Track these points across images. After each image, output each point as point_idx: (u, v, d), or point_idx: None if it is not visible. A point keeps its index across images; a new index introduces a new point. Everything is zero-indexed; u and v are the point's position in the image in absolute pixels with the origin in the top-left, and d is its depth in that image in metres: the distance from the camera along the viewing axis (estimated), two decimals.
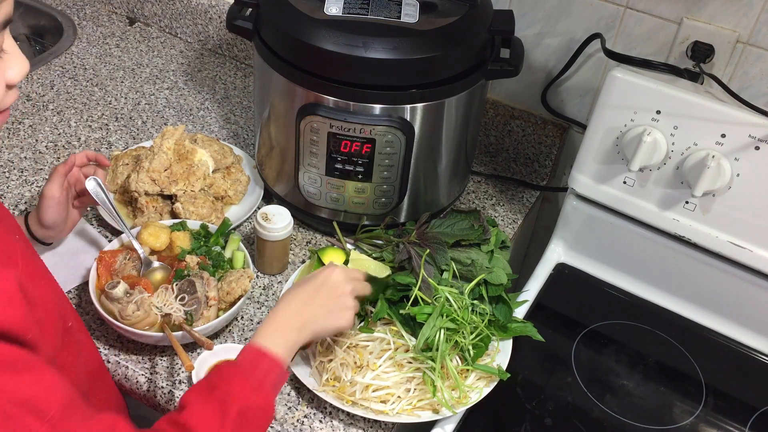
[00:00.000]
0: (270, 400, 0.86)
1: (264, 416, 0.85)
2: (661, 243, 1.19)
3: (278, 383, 0.88)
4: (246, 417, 0.82)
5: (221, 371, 0.85)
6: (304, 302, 0.94)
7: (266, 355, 0.88)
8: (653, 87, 1.07)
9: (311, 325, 0.93)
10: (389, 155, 1.13)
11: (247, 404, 0.82)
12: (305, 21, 1.07)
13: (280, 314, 0.93)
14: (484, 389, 1.03)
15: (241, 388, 0.83)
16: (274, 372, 0.87)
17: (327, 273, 0.97)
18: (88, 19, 1.75)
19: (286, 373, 0.90)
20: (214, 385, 0.84)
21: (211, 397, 0.82)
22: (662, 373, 1.15)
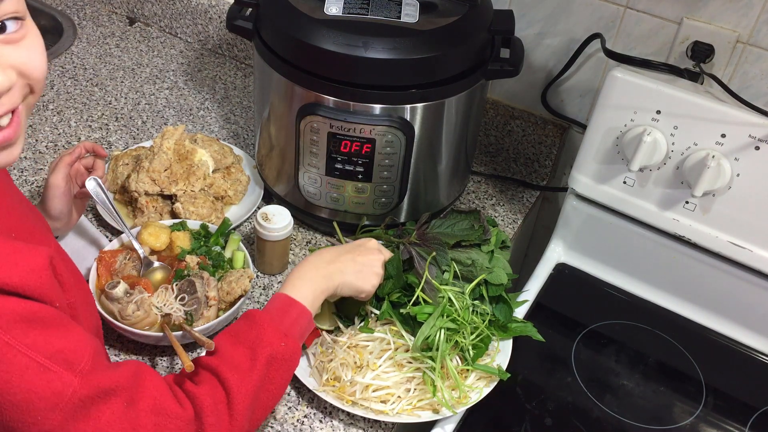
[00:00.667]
0: (297, 347, 0.89)
1: (291, 362, 0.88)
2: (661, 243, 1.19)
3: (305, 331, 0.92)
4: (274, 363, 0.85)
5: (252, 318, 0.88)
6: (334, 256, 0.99)
7: (295, 303, 0.91)
8: (653, 87, 1.07)
9: (338, 276, 0.98)
10: (389, 155, 1.13)
11: (276, 351, 0.85)
12: (305, 21, 1.07)
13: (308, 265, 0.97)
14: (484, 389, 1.03)
15: (271, 334, 0.86)
16: (303, 320, 0.91)
17: (364, 240, 1.04)
18: (88, 19, 1.75)
19: (312, 322, 0.93)
20: (245, 330, 0.87)
21: (242, 343, 0.85)
22: (662, 373, 1.15)
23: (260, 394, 0.84)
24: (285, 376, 0.87)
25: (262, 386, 0.84)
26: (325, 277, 0.96)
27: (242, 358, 0.84)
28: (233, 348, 0.85)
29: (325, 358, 1.04)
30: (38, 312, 0.69)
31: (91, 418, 0.71)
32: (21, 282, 0.67)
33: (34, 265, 0.70)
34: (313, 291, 0.94)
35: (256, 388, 0.83)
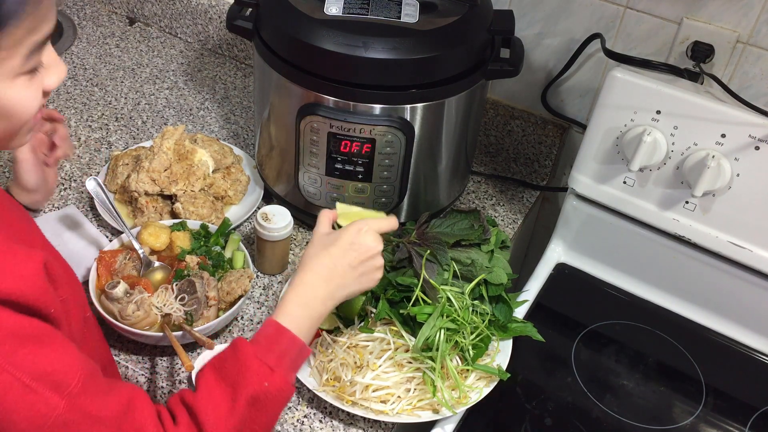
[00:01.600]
0: (286, 382, 0.83)
1: (277, 400, 0.82)
2: (661, 243, 1.19)
3: (297, 361, 0.85)
4: (257, 404, 0.80)
5: (236, 350, 0.82)
6: (331, 269, 0.89)
7: (285, 332, 0.84)
8: (653, 87, 1.07)
9: (339, 292, 0.90)
10: (389, 155, 1.13)
11: (259, 391, 0.80)
12: (305, 21, 1.07)
13: (305, 284, 0.88)
14: (484, 389, 1.03)
15: (254, 371, 0.80)
16: (293, 350, 0.84)
17: (355, 232, 0.92)
18: (88, 19, 1.75)
19: (307, 349, 0.86)
20: (229, 365, 0.82)
21: (223, 380, 0.81)
22: (662, 373, 1.15)
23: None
24: (271, 414, 0.82)
25: (244, 427, 0.80)
26: (323, 299, 0.89)
27: (222, 398, 0.79)
28: (215, 385, 0.81)
29: (325, 358, 1.04)
30: (30, 328, 0.67)
31: None
32: (15, 288, 0.66)
33: (28, 271, 0.68)
34: (310, 317, 0.88)
35: (239, 426, 0.79)
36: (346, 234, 0.92)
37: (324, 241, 0.93)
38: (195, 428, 0.78)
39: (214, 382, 0.81)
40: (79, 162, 1.36)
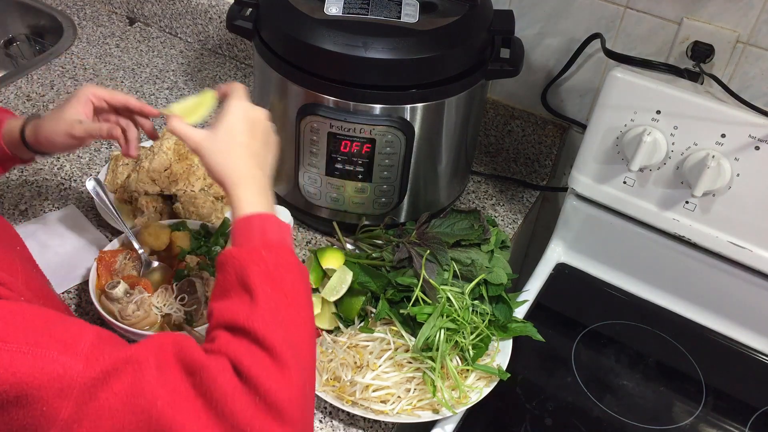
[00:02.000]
0: (283, 246, 0.79)
1: (287, 263, 0.78)
2: (661, 243, 1.19)
3: (281, 230, 0.81)
4: (272, 276, 0.76)
5: (222, 262, 0.78)
6: (251, 155, 0.86)
7: (251, 217, 0.81)
8: (653, 87, 1.07)
9: (266, 167, 0.87)
10: (389, 155, 1.13)
11: (265, 265, 0.76)
12: (305, 21, 1.07)
13: (242, 180, 0.83)
14: (484, 389, 1.03)
15: (248, 258, 0.76)
16: (270, 224, 0.81)
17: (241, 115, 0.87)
18: (88, 19, 1.75)
19: (282, 222, 0.83)
20: (223, 278, 0.77)
21: (228, 290, 0.76)
22: (662, 373, 1.15)
23: (282, 314, 0.74)
24: (293, 279, 0.77)
25: (277, 306, 0.74)
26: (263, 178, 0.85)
27: (237, 299, 0.75)
28: (224, 301, 0.76)
29: (325, 358, 1.04)
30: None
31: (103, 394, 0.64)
32: None
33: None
34: (266, 196, 0.84)
35: (272, 311, 0.73)
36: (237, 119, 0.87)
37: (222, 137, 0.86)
38: (233, 333, 0.73)
39: (222, 300, 0.76)
40: (79, 162, 1.36)
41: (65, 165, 1.35)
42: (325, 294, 1.09)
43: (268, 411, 0.68)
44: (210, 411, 0.67)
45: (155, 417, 0.65)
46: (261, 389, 0.68)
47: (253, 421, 0.67)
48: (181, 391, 0.67)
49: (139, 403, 0.65)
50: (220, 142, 0.86)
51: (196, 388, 0.67)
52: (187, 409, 0.66)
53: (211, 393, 0.67)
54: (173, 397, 0.66)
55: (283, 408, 0.69)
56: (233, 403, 0.67)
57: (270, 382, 0.69)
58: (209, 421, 0.66)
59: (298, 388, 0.71)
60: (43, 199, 1.27)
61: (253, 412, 0.68)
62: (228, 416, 0.67)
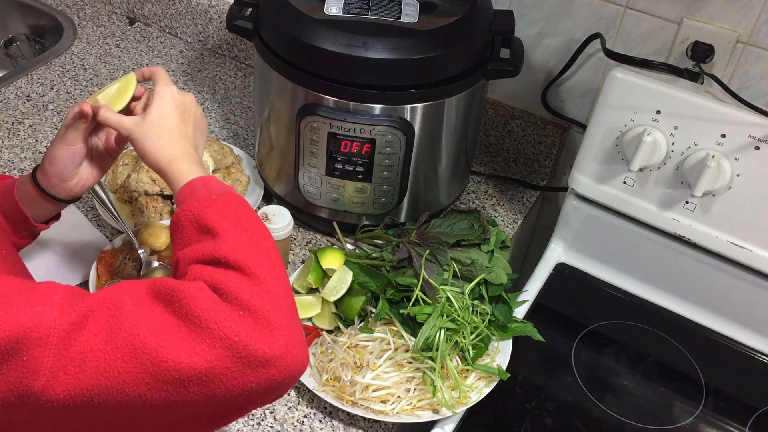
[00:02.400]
0: (229, 190, 0.80)
1: (236, 200, 0.79)
2: (661, 243, 1.19)
3: (222, 186, 0.82)
4: (226, 211, 0.76)
5: (174, 221, 0.79)
6: (182, 136, 0.87)
7: (191, 181, 0.81)
8: (653, 87, 1.07)
9: (199, 147, 0.89)
10: (389, 155, 1.13)
11: (216, 206, 0.77)
12: (305, 21, 1.07)
13: (177, 158, 0.84)
14: (484, 389, 1.03)
15: (199, 205, 0.77)
16: (212, 182, 0.82)
17: (170, 100, 0.88)
18: (88, 19, 1.75)
19: (224, 183, 0.84)
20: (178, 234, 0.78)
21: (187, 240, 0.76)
22: (662, 373, 1.15)
23: (245, 241, 0.74)
24: (247, 213, 0.78)
25: (239, 236, 0.75)
26: (197, 156, 0.86)
27: (201, 242, 0.75)
28: (188, 247, 0.76)
29: (325, 358, 1.04)
30: None
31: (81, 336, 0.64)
32: None
33: None
34: (200, 169, 0.84)
35: (236, 239, 0.74)
36: (168, 104, 0.88)
37: (156, 121, 0.87)
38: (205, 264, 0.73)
39: (182, 248, 0.76)
40: None
41: None
42: (325, 294, 1.09)
43: (254, 319, 0.68)
44: (194, 330, 0.66)
45: (140, 348, 0.64)
46: (242, 300, 0.68)
47: (240, 331, 0.66)
48: (161, 320, 0.66)
49: (120, 338, 0.64)
50: (152, 126, 0.87)
51: (177, 314, 0.67)
52: (171, 333, 0.66)
53: (192, 312, 0.66)
54: (154, 325, 0.66)
55: (268, 314, 0.68)
56: (217, 316, 0.66)
57: (250, 293, 0.69)
58: (196, 340, 0.65)
59: (279, 296, 0.71)
60: None
61: (239, 323, 0.67)
62: (215, 330, 0.66)
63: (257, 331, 0.67)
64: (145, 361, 0.64)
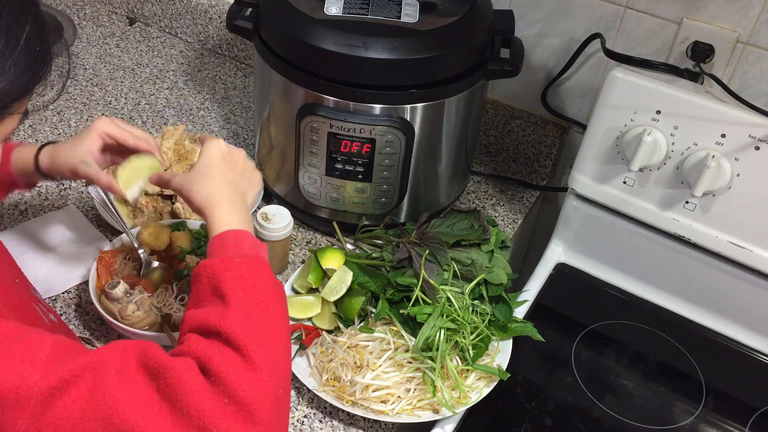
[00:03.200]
0: (257, 256, 0.80)
1: (260, 269, 0.78)
2: (661, 243, 1.19)
3: (255, 245, 0.82)
4: (244, 280, 0.75)
5: (196, 273, 0.78)
6: (227, 182, 0.87)
7: (226, 234, 0.81)
8: (653, 87, 1.07)
9: (245, 196, 0.89)
10: (389, 155, 1.13)
11: (237, 271, 0.76)
12: (305, 21, 1.07)
13: (219, 203, 0.85)
14: (484, 389, 1.03)
15: (221, 265, 0.76)
16: (245, 239, 0.82)
17: (215, 150, 0.90)
18: (88, 19, 1.75)
19: (258, 240, 0.84)
20: (197, 288, 0.77)
21: (202, 299, 0.75)
22: (662, 373, 1.15)
23: (255, 317, 0.73)
24: (266, 286, 0.77)
25: (250, 310, 0.73)
26: (242, 204, 0.87)
27: (210, 305, 0.74)
28: (197, 309, 0.75)
29: (325, 358, 1.04)
30: None
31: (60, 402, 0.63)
32: None
33: None
34: (243, 219, 0.84)
35: (245, 314, 0.72)
36: (213, 154, 0.90)
37: (200, 171, 0.88)
38: (205, 338, 0.71)
39: (196, 310, 0.75)
40: None
41: None
42: (325, 294, 1.09)
43: (237, 410, 0.66)
44: (175, 413, 0.65)
45: (116, 423, 0.63)
46: (230, 387, 0.67)
47: (220, 421, 0.65)
48: (143, 395, 0.65)
49: (99, 410, 0.63)
50: (197, 173, 0.89)
51: (160, 392, 0.65)
52: (151, 413, 0.64)
53: (176, 394, 0.65)
54: (135, 402, 0.64)
55: (253, 407, 0.67)
56: (199, 402, 0.65)
57: (239, 380, 0.67)
58: (174, 424, 0.64)
59: (270, 389, 0.69)
60: (43, 199, 1.27)
61: (221, 412, 0.65)
62: (194, 416, 0.65)
63: (237, 424, 0.66)
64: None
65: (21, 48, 0.64)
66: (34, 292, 0.89)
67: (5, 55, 0.63)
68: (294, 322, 1.10)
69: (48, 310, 0.89)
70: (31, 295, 0.86)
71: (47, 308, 0.89)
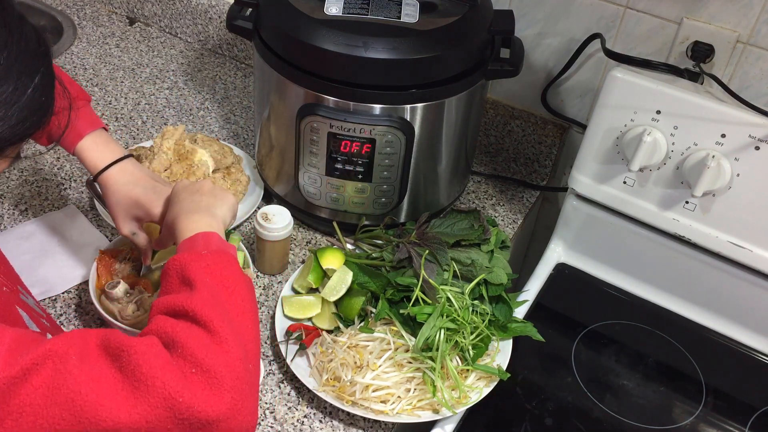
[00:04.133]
0: (224, 248, 0.81)
1: (227, 257, 0.79)
2: (661, 243, 1.19)
3: (223, 244, 0.83)
4: (212, 268, 0.77)
5: (165, 268, 0.80)
6: (192, 201, 0.90)
7: (195, 235, 0.84)
8: (653, 87, 1.07)
9: (213, 209, 0.90)
10: (389, 155, 1.13)
11: (206, 260, 0.78)
12: (305, 21, 1.07)
13: (183, 215, 0.88)
14: (484, 389, 1.03)
15: (189, 258, 0.78)
16: (212, 238, 0.84)
17: (178, 187, 0.95)
18: (88, 19, 1.75)
19: (227, 242, 0.85)
20: (165, 282, 0.78)
21: (169, 287, 0.77)
22: (662, 373, 1.15)
23: (221, 299, 0.74)
24: (233, 274, 0.78)
25: (217, 292, 0.75)
26: (208, 212, 0.88)
27: (179, 292, 0.75)
28: (166, 296, 0.76)
29: (325, 358, 1.04)
30: None
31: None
32: None
33: None
34: (210, 224, 0.86)
35: (211, 295, 0.74)
36: (175, 191, 0.94)
37: (169, 209, 0.93)
38: (173, 318, 0.72)
39: (164, 299, 0.76)
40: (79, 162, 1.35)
41: (65, 165, 1.35)
42: (325, 294, 1.09)
43: (204, 378, 0.67)
44: (138, 389, 0.66)
45: (80, 405, 0.64)
46: (196, 357, 0.68)
47: (185, 391, 0.66)
48: (105, 377, 0.66)
49: (61, 395, 0.64)
50: (170, 206, 0.93)
51: (122, 371, 0.66)
52: (113, 392, 0.65)
53: (139, 370, 0.66)
54: (97, 383, 0.65)
55: (220, 375, 0.68)
56: (163, 375, 0.66)
57: (205, 351, 0.68)
58: (139, 398, 0.65)
59: (237, 360, 0.70)
60: (43, 199, 1.27)
61: (185, 382, 0.66)
62: (159, 389, 0.65)
63: (204, 391, 0.67)
64: (83, 419, 0.64)
65: (27, 97, 0.65)
66: (25, 298, 0.88)
67: (10, 102, 0.64)
68: (294, 322, 1.10)
69: (39, 316, 0.88)
70: (20, 301, 0.85)
71: (39, 314, 0.88)
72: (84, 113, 1.04)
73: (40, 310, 0.91)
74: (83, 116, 1.04)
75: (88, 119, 1.05)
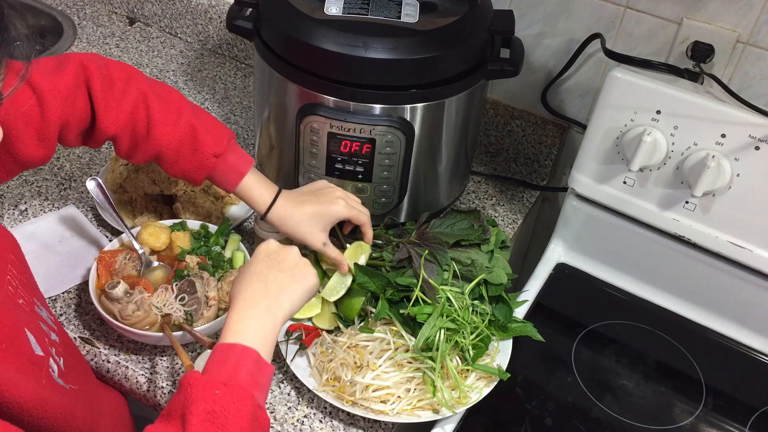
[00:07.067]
0: (245, 392, 0.76)
1: (238, 410, 0.74)
2: (661, 243, 1.19)
3: (256, 373, 0.79)
4: (213, 417, 0.73)
5: (182, 383, 0.76)
6: (261, 279, 0.87)
7: (233, 347, 0.79)
8: (653, 87, 1.07)
9: (283, 296, 0.86)
10: (389, 155, 1.13)
11: (211, 404, 0.73)
12: (305, 21, 1.07)
13: (244, 301, 0.84)
14: (484, 389, 1.03)
15: (201, 390, 0.74)
16: (247, 362, 0.78)
17: (264, 247, 0.91)
18: (88, 19, 1.75)
19: (265, 362, 0.80)
20: (174, 399, 0.75)
21: (171, 416, 0.74)
22: (662, 373, 1.15)
23: None
24: (238, 426, 0.74)
25: None
26: (268, 308, 0.84)
27: (174, 421, 0.73)
28: (161, 423, 0.74)
29: (325, 358, 1.04)
30: None
31: None
32: None
33: None
34: (262, 328, 0.82)
35: None
36: (258, 254, 0.91)
37: (241, 271, 0.90)
38: None
39: (162, 425, 0.74)
40: (79, 162, 1.36)
41: (65, 165, 1.35)
42: (325, 294, 1.09)
43: None
44: None
45: None
46: None
47: None
48: None
49: None
50: (240, 273, 0.90)
51: None
52: None
53: None
54: None
55: None
56: None
57: None
58: None
59: None
60: (43, 199, 1.27)
61: None
62: None
63: None
64: None
65: None
66: (39, 311, 0.85)
67: None
68: (294, 322, 1.10)
69: (47, 333, 0.84)
70: (31, 319, 0.82)
71: (47, 330, 0.85)
72: (235, 150, 1.07)
73: (52, 322, 0.88)
74: (236, 154, 1.06)
75: (240, 156, 1.07)
